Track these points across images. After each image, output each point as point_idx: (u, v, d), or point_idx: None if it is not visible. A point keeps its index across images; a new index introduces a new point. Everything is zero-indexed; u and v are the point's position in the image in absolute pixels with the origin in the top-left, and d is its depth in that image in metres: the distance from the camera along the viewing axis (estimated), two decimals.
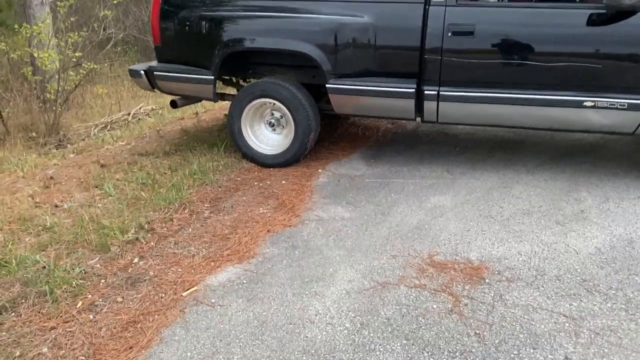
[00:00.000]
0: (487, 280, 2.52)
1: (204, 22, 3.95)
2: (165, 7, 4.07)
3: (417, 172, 3.91)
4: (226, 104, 4.55)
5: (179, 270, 2.69)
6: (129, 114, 7.23)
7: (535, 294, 2.40)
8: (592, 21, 3.26)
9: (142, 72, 4.25)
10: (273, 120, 4.11)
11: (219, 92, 4.29)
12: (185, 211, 3.32)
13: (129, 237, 2.98)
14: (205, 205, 3.41)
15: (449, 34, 3.46)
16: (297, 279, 2.59)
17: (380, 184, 3.73)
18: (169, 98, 4.48)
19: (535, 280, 2.51)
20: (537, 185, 3.60)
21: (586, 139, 4.50)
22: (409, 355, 2.07)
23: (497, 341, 2.12)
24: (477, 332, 2.17)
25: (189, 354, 2.12)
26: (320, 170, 4.00)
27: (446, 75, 3.56)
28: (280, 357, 2.08)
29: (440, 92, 3.60)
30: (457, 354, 2.07)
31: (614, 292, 2.40)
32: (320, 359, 2.07)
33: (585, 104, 3.34)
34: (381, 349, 2.11)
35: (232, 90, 4.80)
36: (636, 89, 3.27)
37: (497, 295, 2.40)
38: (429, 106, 3.67)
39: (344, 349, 2.12)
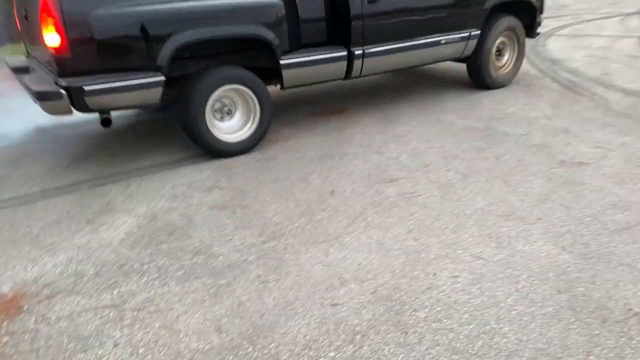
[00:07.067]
0: (25, 308, 2.38)
1: (140, 20, 3.39)
2: (73, 9, 3.22)
3: None
4: None
5: None
6: None
7: (78, 299, 2.43)
8: None
9: (62, 91, 3.25)
10: (225, 109, 4.01)
11: None
12: None
13: None
14: None
15: (366, 3, 4.25)
16: None
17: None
18: None
19: (76, 286, 2.52)
20: (72, 191, 3.57)
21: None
22: None
23: None
24: None
25: None
26: None
27: (368, 36, 4.37)
28: None
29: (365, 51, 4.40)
30: None
31: (146, 266, 2.66)
32: None
33: (441, 42, 4.85)
34: None
35: None
36: (460, 28, 4.93)
37: (39, 317, 2.31)
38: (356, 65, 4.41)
39: None
